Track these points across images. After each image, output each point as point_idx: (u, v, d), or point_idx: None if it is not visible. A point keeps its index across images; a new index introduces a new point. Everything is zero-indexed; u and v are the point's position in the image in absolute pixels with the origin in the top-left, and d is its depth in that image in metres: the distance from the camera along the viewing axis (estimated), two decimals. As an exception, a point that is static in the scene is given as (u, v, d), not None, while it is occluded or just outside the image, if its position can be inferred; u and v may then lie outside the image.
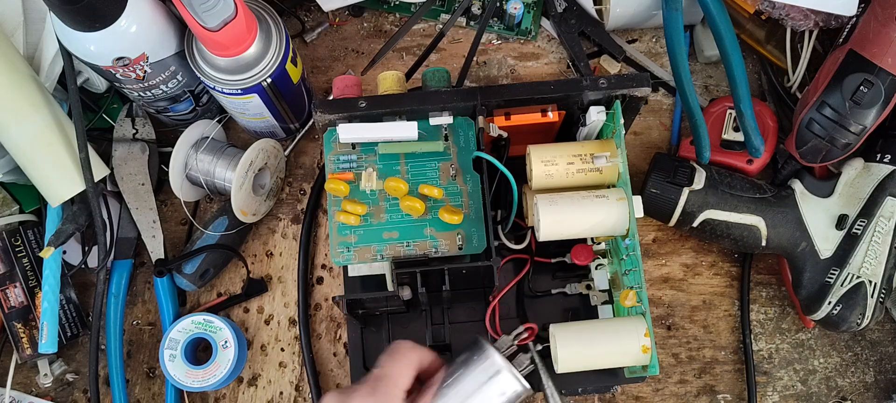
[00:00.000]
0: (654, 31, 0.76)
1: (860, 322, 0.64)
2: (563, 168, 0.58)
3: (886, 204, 0.64)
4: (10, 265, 0.66)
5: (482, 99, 0.57)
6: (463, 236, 0.58)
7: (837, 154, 0.64)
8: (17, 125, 0.61)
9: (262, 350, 0.71)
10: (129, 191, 0.69)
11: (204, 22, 0.53)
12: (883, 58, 0.62)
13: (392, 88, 0.63)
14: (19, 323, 0.66)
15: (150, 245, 0.69)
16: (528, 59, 0.76)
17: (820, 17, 0.68)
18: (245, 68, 0.59)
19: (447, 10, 0.75)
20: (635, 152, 0.74)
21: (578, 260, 0.63)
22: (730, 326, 0.71)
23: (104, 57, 0.56)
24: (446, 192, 0.59)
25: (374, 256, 0.58)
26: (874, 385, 0.71)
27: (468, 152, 0.60)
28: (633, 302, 0.56)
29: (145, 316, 0.72)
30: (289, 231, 0.73)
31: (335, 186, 0.58)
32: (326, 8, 0.73)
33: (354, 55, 0.76)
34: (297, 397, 0.70)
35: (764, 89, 0.74)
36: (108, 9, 0.54)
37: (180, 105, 0.66)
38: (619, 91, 0.57)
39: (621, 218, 0.56)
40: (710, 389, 0.71)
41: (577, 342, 0.56)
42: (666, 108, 0.75)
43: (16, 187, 0.68)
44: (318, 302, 0.72)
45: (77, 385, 0.70)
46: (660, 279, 0.72)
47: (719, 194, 0.66)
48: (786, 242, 0.66)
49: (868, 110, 0.62)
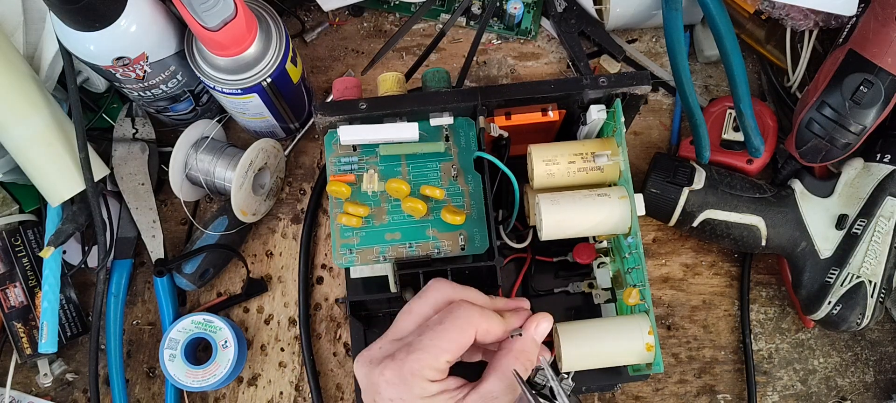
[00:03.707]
0: (654, 31, 0.76)
1: (860, 322, 0.64)
2: (565, 167, 0.58)
3: (886, 204, 0.64)
4: (10, 265, 0.66)
5: (482, 99, 0.57)
6: (465, 236, 0.58)
7: (837, 154, 0.64)
8: (17, 125, 0.61)
9: (262, 350, 0.71)
10: (129, 191, 0.69)
11: (204, 22, 0.53)
12: (883, 58, 0.62)
13: (392, 89, 0.63)
14: (19, 322, 0.66)
15: (150, 245, 0.69)
16: (528, 59, 0.76)
17: (820, 17, 0.68)
18: (245, 68, 0.59)
19: (447, 10, 0.75)
20: (635, 152, 0.74)
21: (580, 259, 0.63)
22: (730, 326, 0.72)
23: (104, 57, 0.56)
24: (448, 193, 0.59)
25: (376, 258, 0.58)
26: (874, 385, 0.71)
27: (469, 152, 0.60)
28: (636, 301, 0.56)
29: (145, 315, 0.71)
30: (289, 231, 0.73)
31: (337, 188, 0.58)
32: (326, 8, 0.72)
33: (354, 55, 0.76)
34: (297, 397, 0.70)
35: (764, 89, 0.74)
36: (108, 9, 0.53)
37: (180, 105, 0.66)
38: (620, 89, 0.58)
39: (623, 216, 0.56)
40: (710, 389, 0.71)
41: (581, 341, 0.55)
42: (666, 108, 0.75)
43: (16, 187, 0.68)
44: (318, 302, 0.72)
45: (77, 385, 0.70)
46: (660, 279, 0.72)
47: (719, 194, 0.66)
48: (786, 242, 0.66)
49: (868, 110, 0.62)
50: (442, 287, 0.50)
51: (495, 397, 0.47)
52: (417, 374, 0.45)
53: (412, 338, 0.47)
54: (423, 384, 0.46)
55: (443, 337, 0.46)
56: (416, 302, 0.50)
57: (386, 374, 0.46)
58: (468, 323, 0.47)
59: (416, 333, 0.47)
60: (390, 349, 0.47)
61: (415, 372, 0.45)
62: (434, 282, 0.51)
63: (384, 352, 0.47)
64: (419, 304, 0.49)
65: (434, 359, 0.46)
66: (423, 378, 0.45)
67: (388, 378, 0.46)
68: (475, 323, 0.47)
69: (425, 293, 0.50)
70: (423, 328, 0.47)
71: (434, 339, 0.46)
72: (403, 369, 0.45)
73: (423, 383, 0.46)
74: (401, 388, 0.46)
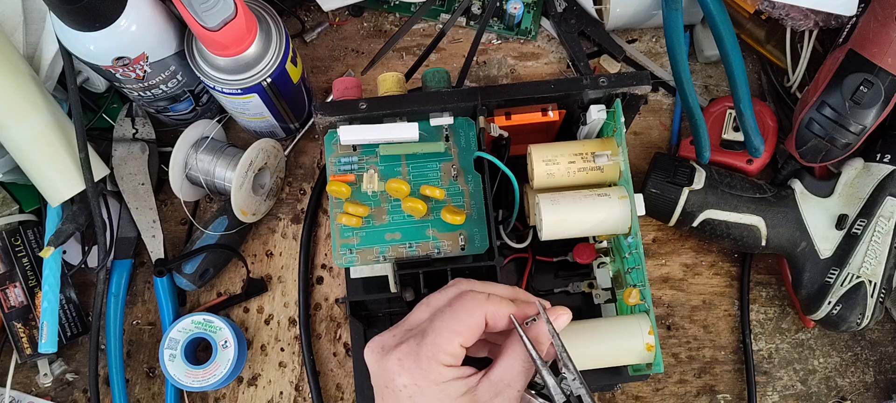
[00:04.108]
0: (654, 31, 0.76)
1: (860, 322, 0.64)
2: (565, 167, 0.58)
3: (886, 204, 0.64)
4: (10, 265, 0.66)
5: (482, 99, 0.57)
6: (465, 236, 0.58)
7: (837, 154, 0.64)
8: (17, 125, 0.61)
9: (262, 350, 0.71)
10: (129, 191, 0.69)
11: (204, 22, 0.53)
12: (883, 57, 0.62)
13: (392, 89, 0.63)
14: (19, 322, 0.66)
15: (150, 245, 0.69)
16: (528, 59, 0.76)
17: (820, 17, 0.68)
18: (245, 68, 0.59)
19: (447, 10, 0.75)
20: (635, 152, 0.74)
21: (580, 259, 0.63)
22: (730, 326, 0.72)
23: (104, 57, 0.56)
24: (448, 193, 0.59)
25: (376, 258, 0.58)
26: (874, 385, 0.71)
27: (469, 152, 0.60)
28: (636, 301, 0.56)
29: (145, 315, 0.71)
30: (289, 231, 0.73)
31: (337, 188, 0.58)
32: (326, 8, 0.72)
33: (354, 55, 0.76)
34: (297, 397, 0.70)
35: (764, 89, 0.74)
36: (108, 9, 0.53)
37: (180, 105, 0.66)
38: (620, 89, 0.58)
39: (623, 216, 0.56)
40: (710, 389, 0.71)
41: (581, 341, 0.56)
42: (666, 108, 0.75)
43: (16, 187, 0.68)
44: (318, 302, 0.72)
45: (77, 385, 0.70)
46: (660, 279, 0.72)
47: (719, 194, 0.66)
48: (786, 242, 0.66)
49: (868, 110, 0.62)
50: (460, 283, 0.50)
51: (507, 383, 0.47)
52: (433, 358, 0.45)
53: (425, 325, 0.47)
54: (439, 368, 0.45)
55: (454, 320, 0.46)
56: (433, 295, 0.50)
57: (401, 360, 0.46)
58: (476, 306, 0.47)
59: (429, 320, 0.47)
60: (404, 336, 0.47)
61: (430, 356, 0.45)
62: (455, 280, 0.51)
63: (398, 339, 0.47)
64: (436, 298, 0.49)
65: (448, 343, 0.46)
66: (439, 363, 0.45)
67: (403, 363, 0.46)
68: (483, 306, 0.47)
69: (444, 288, 0.50)
70: (434, 315, 0.47)
71: (446, 321, 0.46)
72: (419, 354, 0.45)
73: (439, 367, 0.45)
74: (416, 374, 0.45)
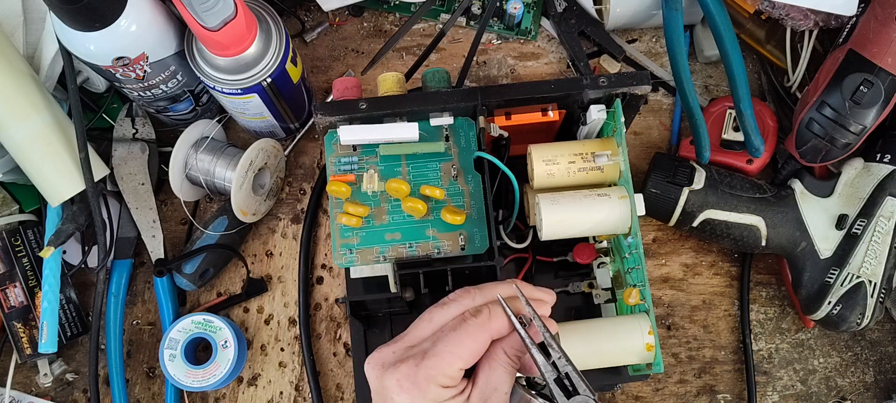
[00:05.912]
0: (654, 31, 0.76)
1: (860, 322, 0.64)
2: (565, 167, 0.58)
3: (886, 204, 0.64)
4: (10, 265, 0.66)
5: (482, 99, 0.57)
6: (465, 236, 0.58)
7: (837, 154, 0.64)
8: (17, 125, 0.61)
9: (262, 350, 0.71)
10: (129, 191, 0.69)
11: (204, 22, 0.53)
12: (883, 57, 0.62)
13: (392, 89, 0.63)
14: (19, 322, 0.66)
15: (150, 245, 0.69)
16: (528, 59, 0.76)
17: (820, 17, 0.68)
18: (245, 68, 0.59)
19: (447, 10, 0.75)
20: (635, 152, 0.74)
21: (580, 259, 0.63)
22: (730, 326, 0.72)
23: (104, 57, 0.56)
24: (448, 193, 0.59)
25: (376, 258, 0.58)
26: (874, 385, 0.71)
27: (469, 152, 0.60)
28: (636, 300, 0.56)
29: (145, 315, 0.71)
30: (289, 231, 0.73)
31: (337, 188, 0.58)
32: (326, 8, 0.72)
33: (354, 55, 0.76)
34: (297, 397, 0.70)
35: (764, 89, 0.74)
36: (108, 9, 0.53)
37: (180, 105, 0.66)
38: (620, 89, 0.58)
39: (623, 216, 0.57)
40: (710, 389, 0.71)
41: (581, 341, 0.56)
42: (666, 108, 0.75)
43: (16, 187, 0.68)
44: (318, 302, 0.72)
45: (77, 385, 0.70)
46: (660, 279, 0.72)
47: (719, 194, 0.66)
48: (786, 242, 0.66)
49: (868, 110, 0.62)
50: (463, 299, 0.49)
51: (494, 387, 0.47)
52: (432, 380, 0.45)
53: (427, 345, 0.47)
54: (437, 390, 0.46)
55: (457, 344, 0.46)
56: (436, 310, 0.49)
57: (400, 381, 0.46)
58: (481, 330, 0.47)
59: (432, 340, 0.47)
60: (404, 354, 0.47)
61: (429, 378, 0.45)
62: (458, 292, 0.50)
63: (397, 356, 0.47)
64: (439, 314, 0.49)
65: (448, 366, 0.46)
66: (437, 384, 0.46)
67: (401, 384, 0.46)
68: (488, 329, 0.47)
69: (447, 303, 0.49)
70: (438, 335, 0.47)
71: (449, 345, 0.46)
72: (418, 374, 0.46)
73: (437, 389, 0.46)
74: (414, 393, 0.46)
